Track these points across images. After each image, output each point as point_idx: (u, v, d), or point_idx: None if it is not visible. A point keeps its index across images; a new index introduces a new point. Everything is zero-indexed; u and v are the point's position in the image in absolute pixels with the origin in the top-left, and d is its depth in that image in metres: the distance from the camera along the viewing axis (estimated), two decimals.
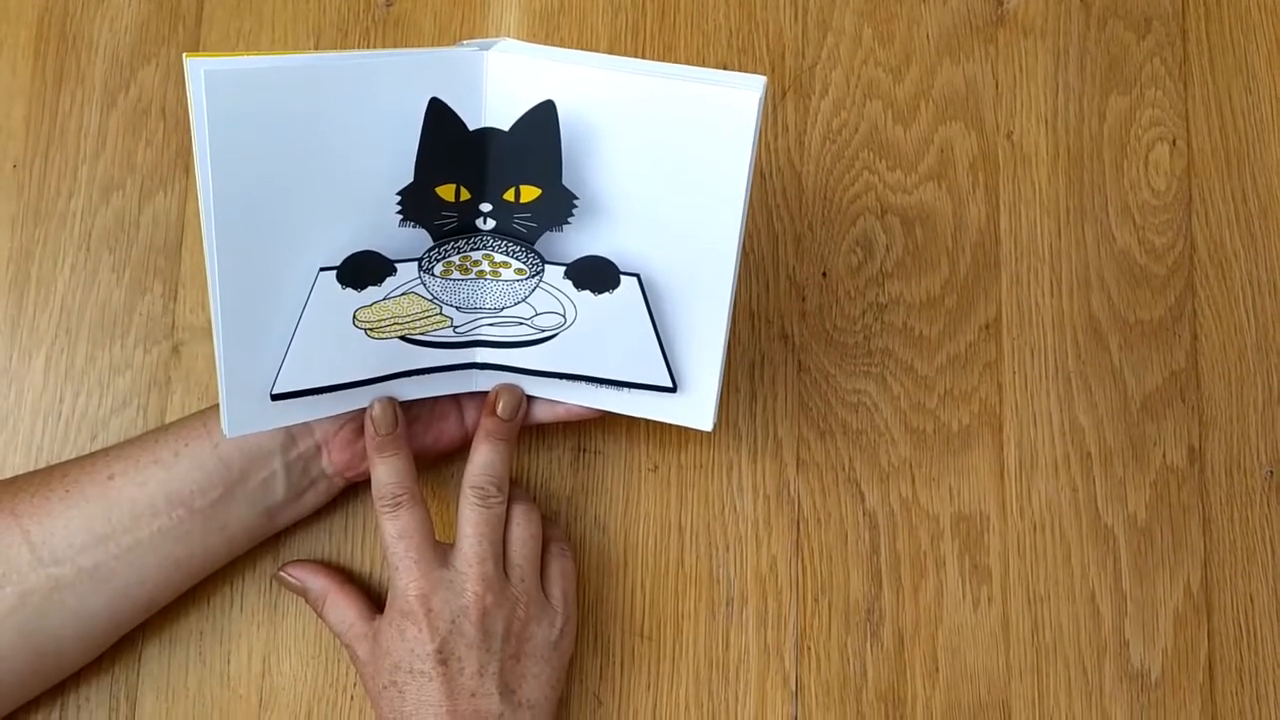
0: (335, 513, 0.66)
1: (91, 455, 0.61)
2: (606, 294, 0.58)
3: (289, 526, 0.64)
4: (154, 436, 0.60)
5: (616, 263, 0.58)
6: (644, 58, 0.73)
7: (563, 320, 0.60)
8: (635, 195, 0.56)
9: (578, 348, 0.61)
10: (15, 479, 0.60)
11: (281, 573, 0.64)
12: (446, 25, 0.73)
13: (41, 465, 0.66)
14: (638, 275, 0.58)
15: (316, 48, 0.72)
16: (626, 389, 0.61)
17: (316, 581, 0.63)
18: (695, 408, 0.61)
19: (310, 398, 0.58)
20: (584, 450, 0.68)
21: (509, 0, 0.74)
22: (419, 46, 0.73)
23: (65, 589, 0.57)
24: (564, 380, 0.61)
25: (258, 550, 0.64)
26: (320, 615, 0.62)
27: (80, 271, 0.69)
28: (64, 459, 0.66)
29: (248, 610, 0.65)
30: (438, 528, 0.66)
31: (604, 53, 0.72)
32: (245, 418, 0.57)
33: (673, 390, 0.60)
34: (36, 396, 0.67)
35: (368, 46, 0.73)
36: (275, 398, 0.57)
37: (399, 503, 0.59)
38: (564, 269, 0.58)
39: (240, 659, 0.65)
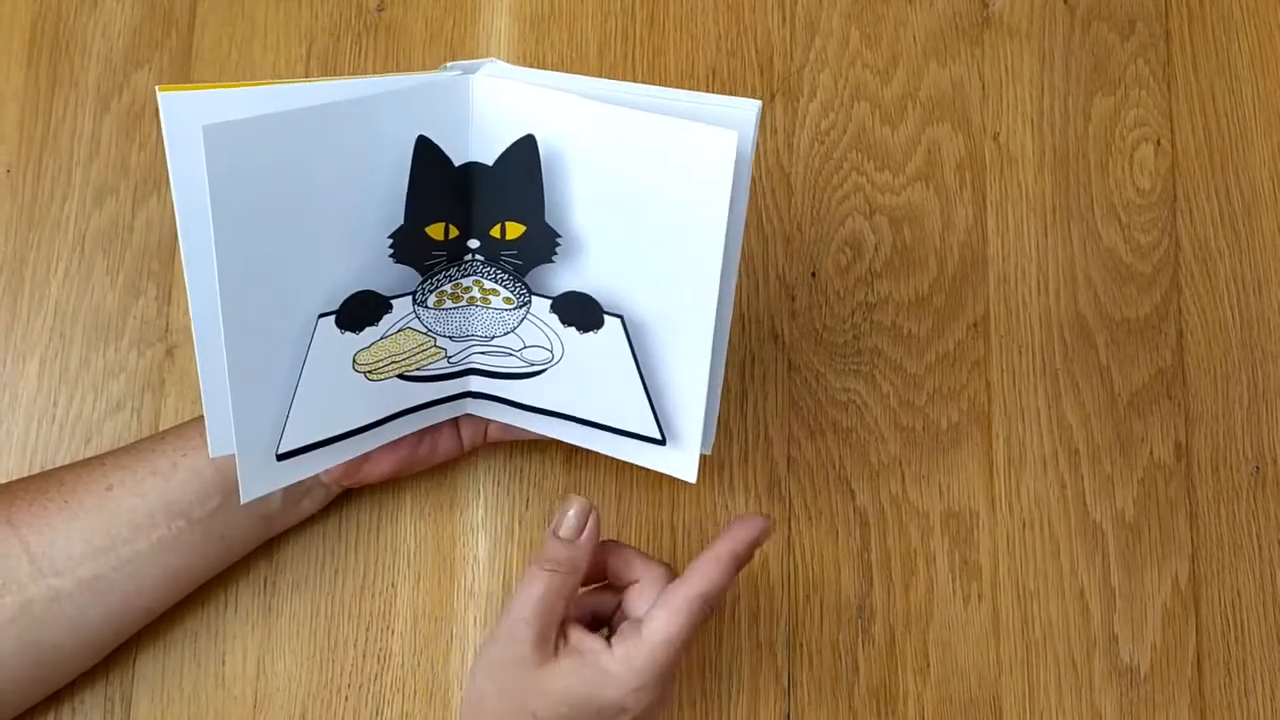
0: (330, 517, 0.66)
1: (88, 463, 0.61)
2: (591, 333, 0.57)
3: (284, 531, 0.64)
4: (150, 445, 0.60)
5: (601, 301, 0.56)
6: (633, 62, 0.74)
7: (550, 356, 0.59)
8: (616, 233, 0.54)
9: (567, 387, 0.59)
10: (10, 485, 0.61)
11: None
12: (438, 31, 0.74)
13: (36, 468, 0.66)
14: (621, 317, 0.56)
15: (309, 53, 0.73)
16: (614, 434, 0.60)
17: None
18: (679, 459, 0.58)
19: (316, 451, 0.57)
20: (576, 450, 0.68)
21: (499, 6, 0.74)
22: (410, 51, 0.73)
23: (64, 600, 0.57)
24: (554, 418, 0.61)
25: (252, 554, 0.64)
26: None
27: (74, 275, 0.69)
28: (58, 462, 0.66)
29: (242, 612, 0.65)
30: (429, 534, 0.66)
31: (594, 56, 0.73)
32: (259, 481, 0.56)
33: (661, 443, 0.58)
34: (31, 399, 0.67)
35: (359, 52, 0.73)
36: (281, 456, 0.56)
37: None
38: (550, 303, 0.57)
39: (235, 660, 0.65)
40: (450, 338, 0.59)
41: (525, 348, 0.59)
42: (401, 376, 0.59)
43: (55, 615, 0.57)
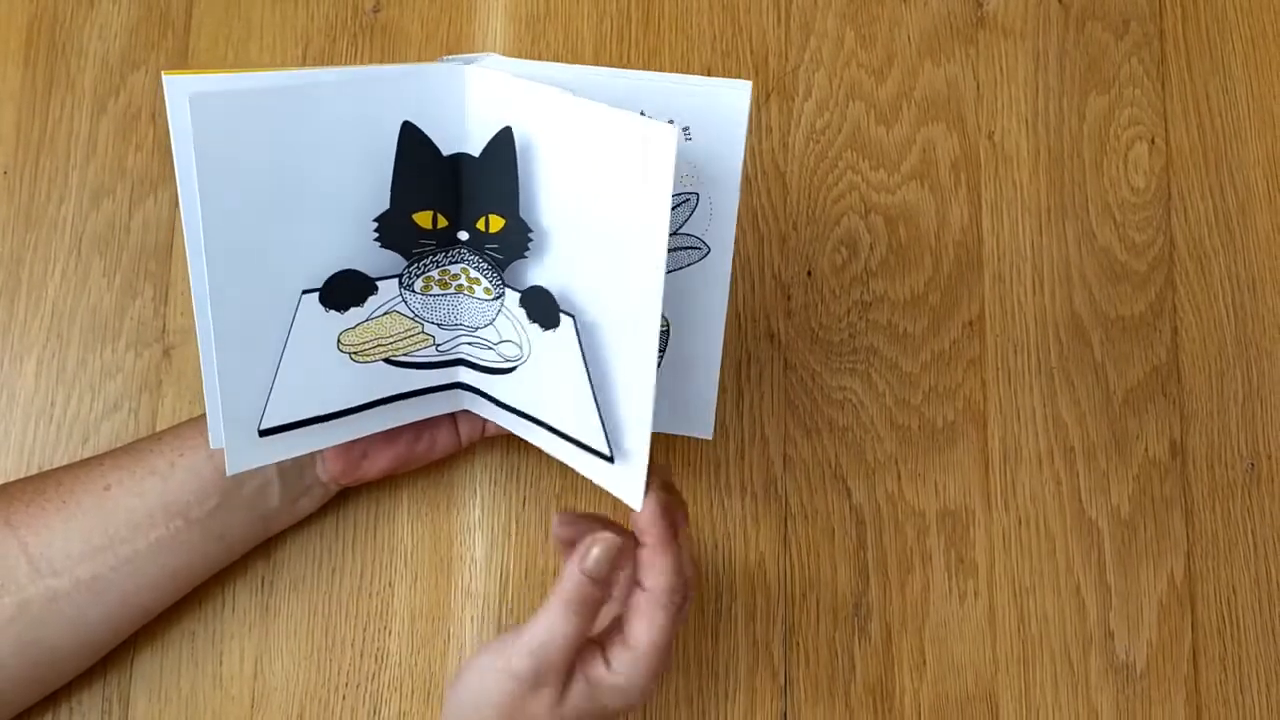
0: (327, 516, 0.66)
1: (85, 463, 0.61)
2: (551, 331, 0.55)
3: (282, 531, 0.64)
4: (148, 445, 0.60)
5: (559, 299, 0.54)
6: (629, 62, 0.74)
7: (520, 353, 0.58)
8: (571, 228, 0.53)
9: (532, 387, 0.58)
10: (7, 486, 0.61)
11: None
12: (433, 31, 0.74)
13: (33, 469, 0.66)
14: (574, 316, 0.54)
15: (305, 54, 0.73)
16: (571, 443, 0.57)
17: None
18: (626, 479, 0.54)
19: (301, 430, 0.57)
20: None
21: (495, 6, 0.74)
22: (406, 52, 0.73)
23: (63, 599, 0.57)
24: (526, 421, 0.60)
25: (250, 553, 0.64)
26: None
27: (71, 276, 0.69)
28: (56, 462, 0.66)
29: (239, 611, 0.65)
30: (427, 534, 0.67)
31: (590, 57, 0.73)
32: (244, 456, 0.56)
33: (610, 460, 0.55)
34: (28, 400, 0.68)
35: (355, 52, 0.73)
36: (263, 433, 0.56)
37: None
38: (519, 296, 0.56)
39: (232, 660, 0.65)
40: (438, 325, 0.59)
41: (501, 341, 0.59)
42: (389, 361, 0.59)
43: (53, 615, 0.57)
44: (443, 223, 0.55)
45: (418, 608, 0.66)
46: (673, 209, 0.52)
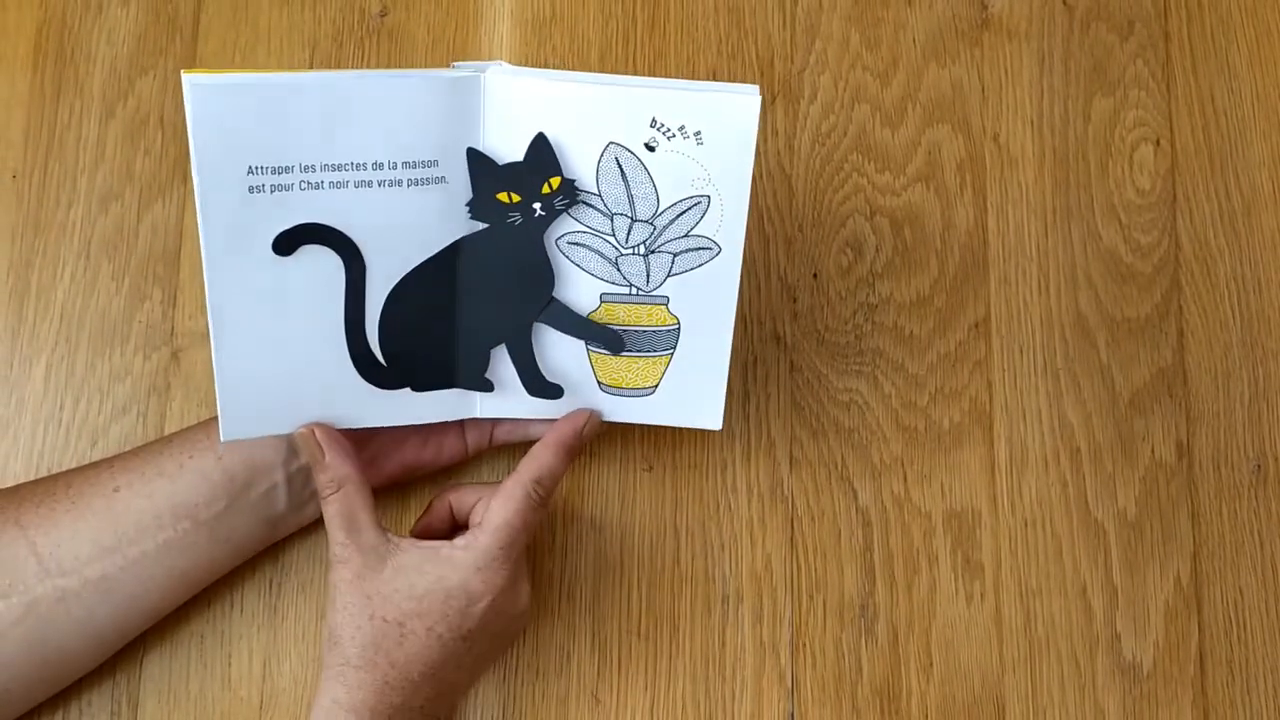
0: None
1: (95, 465, 0.61)
2: None
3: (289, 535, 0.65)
4: (157, 448, 0.61)
5: None
6: (634, 65, 0.74)
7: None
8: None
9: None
10: (18, 488, 0.61)
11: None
12: (440, 36, 0.74)
13: (43, 472, 0.66)
14: None
15: (312, 59, 0.73)
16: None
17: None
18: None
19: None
20: (580, 452, 0.68)
21: (501, 10, 0.74)
22: (413, 57, 0.74)
23: (71, 600, 0.58)
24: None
25: (258, 556, 0.64)
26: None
27: (80, 280, 0.69)
28: (65, 466, 0.66)
29: (248, 613, 0.66)
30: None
31: (596, 60, 0.74)
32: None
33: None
34: (37, 404, 0.68)
35: (362, 57, 0.73)
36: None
37: None
38: None
39: (241, 661, 0.65)
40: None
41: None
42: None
43: (62, 615, 0.58)
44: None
45: None
46: (684, 211, 0.58)
